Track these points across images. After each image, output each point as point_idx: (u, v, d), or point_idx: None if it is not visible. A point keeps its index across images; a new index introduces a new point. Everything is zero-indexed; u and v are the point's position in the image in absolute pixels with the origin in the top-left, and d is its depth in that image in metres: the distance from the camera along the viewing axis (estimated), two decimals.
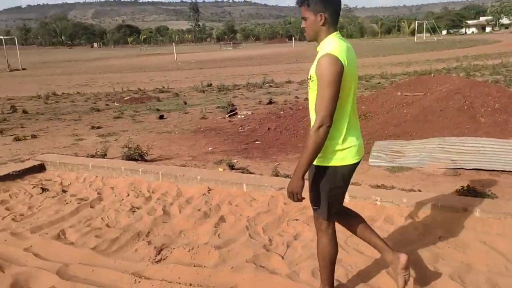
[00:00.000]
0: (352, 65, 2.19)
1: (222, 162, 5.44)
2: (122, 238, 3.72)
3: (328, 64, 2.09)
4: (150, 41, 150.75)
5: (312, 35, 2.27)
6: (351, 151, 2.27)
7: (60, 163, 5.62)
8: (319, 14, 2.18)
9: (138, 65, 34.88)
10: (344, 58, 2.11)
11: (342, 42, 2.20)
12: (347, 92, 2.20)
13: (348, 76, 2.15)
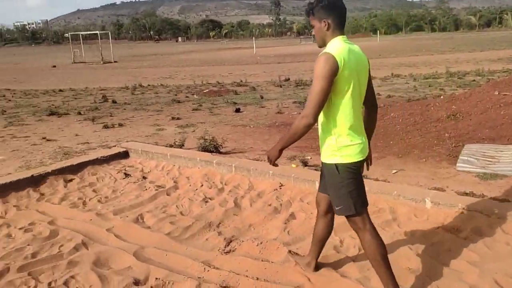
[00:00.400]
0: (352, 66, 2.30)
1: (295, 158, 5.42)
2: (194, 227, 3.87)
3: (322, 61, 2.24)
4: (231, 35, 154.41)
5: (320, 41, 2.45)
6: (356, 149, 2.37)
7: (142, 151, 5.98)
8: (323, 21, 2.37)
9: (218, 58, 35.96)
10: (342, 58, 2.24)
11: (345, 45, 2.33)
12: (346, 91, 2.31)
13: (345, 75, 2.27)
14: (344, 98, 2.32)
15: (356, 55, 2.36)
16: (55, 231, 3.88)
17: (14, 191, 4.81)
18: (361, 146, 2.40)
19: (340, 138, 2.36)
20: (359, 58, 2.39)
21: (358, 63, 2.36)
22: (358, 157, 2.39)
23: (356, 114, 2.39)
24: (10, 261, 3.34)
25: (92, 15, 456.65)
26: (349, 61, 2.27)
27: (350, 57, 2.29)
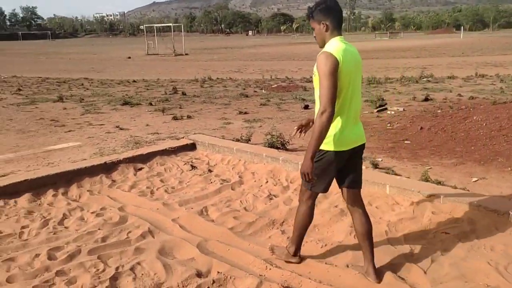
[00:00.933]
0: (349, 65, 2.55)
1: (365, 159, 5.27)
2: (257, 223, 3.90)
3: (324, 59, 2.50)
4: (303, 30, 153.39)
5: (321, 42, 2.70)
6: (346, 139, 2.68)
7: (208, 144, 6.13)
8: (322, 23, 2.63)
9: (288, 53, 35.93)
10: (340, 56, 2.50)
11: (342, 44, 2.59)
12: (342, 87, 2.56)
13: (343, 73, 2.53)
14: (341, 94, 2.59)
15: (353, 55, 2.63)
16: (124, 218, 4.09)
17: (88, 177, 5.14)
18: (352, 137, 2.72)
19: (333, 128, 2.63)
20: (355, 57, 2.65)
21: (354, 62, 2.63)
22: (338, 148, 2.67)
23: (353, 108, 2.68)
24: (82, 244, 3.58)
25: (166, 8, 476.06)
26: (345, 59, 2.53)
27: (347, 55, 2.55)
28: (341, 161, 2.74)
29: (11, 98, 12.18)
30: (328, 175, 2.80)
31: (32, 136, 7.26)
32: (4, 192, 4.59)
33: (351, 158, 2.80)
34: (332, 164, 2.73)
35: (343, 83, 2.56)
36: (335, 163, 2.73)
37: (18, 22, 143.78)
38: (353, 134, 2.74)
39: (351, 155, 2.78)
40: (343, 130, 2.66)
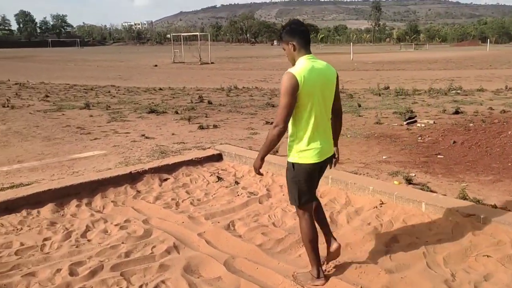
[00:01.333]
0: (313, 82, 2.72)
1: (398, 174, 5.03)
2: (287, 240, 3.71)
3: (285, 79, 2.69)
4: (327, 40, 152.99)
5: (292, 60, 2.88)
6: (311, 153, 2.83)
7: (235, 155, 5.98)
8: (290, 43, 2.82)
9: None
10: (302, 76, 2.66)
11: (309, 63, 2.76)
12: (306, 104, 2.74)
13: (306, 91, 2.69)
14: (305, 110, 2.76)
15: (319, 71, 2.79)
16: (149, 231, 3.96)
17: (113, 187, 5.05)
18: (317, 151, 2.84)
19: (300, 143, 2.83)
20: (322, 73, 2.80)
21: (320, 79, 2.78)
22: (313, 160, 2.85)
23: (318, 124, 2.83)
24: (104, 259, 3.45)
25: (193, 17, 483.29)
26: (309, 78, 2.70)
27: (311, 74, 2.72)
28: (315, 171, 2.95)
29: (39, 105, 12.35)
30: (310, 186, 2.99)
31: (58, 143, 7.26)
32: (27, 202, 4.52)
33: (320, 170, 3.03)
34: (312, 176, 2.95)
35: (306, 103, 2.75)
36: (314, 174, 2.96)
37: (48, 30, 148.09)
38: (327, 147, 2.94)
39: (321, 167, 3.00)
40: (318, 144, 2.85)
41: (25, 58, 47.19)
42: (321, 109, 2.83)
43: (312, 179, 2.96)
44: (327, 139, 2.95)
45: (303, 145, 2.83)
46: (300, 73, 2.69)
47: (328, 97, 2.88)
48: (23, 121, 9.50)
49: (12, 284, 3.08)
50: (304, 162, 2.85)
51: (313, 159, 2.85)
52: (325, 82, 2.82)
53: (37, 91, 16.02)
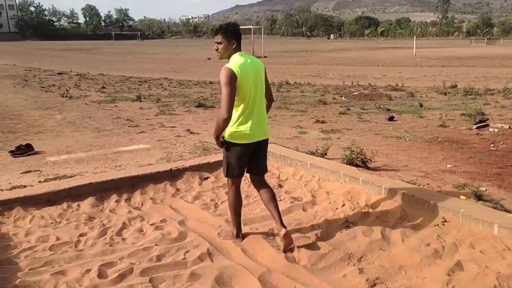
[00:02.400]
0: (246, 76, 3.24)
1: (465, 187, 4.52)
2: (330, 256, 3.39)
3: (224, 72, 3.18)
4: (388, 34, 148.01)
5: (225, 54, 3.36)
6: (240, 135, 3.33)
7: (280, 156, 5.70)
8: (232, 41, 3.29)
9: (371, 58, 34.54)
10: (237, 69, 3.19)
11: (241, 59, 3.29)
12: (239, 93, 3.24)
13: (242, 83, 3.21)
14: (238, 98, 3.26)
15: (250, 64, 3.32)
16: (184, 234, 3.80)
17: (153, 183, 4.95)
18: (246, 134, 3.35)
19: (233, 125, 3.33)
20: (252, 66, 3.34)
21: (251, 71, 3.31)
22: (241, 141, 3.37)
23: (250, 110, 3.33)
24: (135, 261, 3.33)
25: (249, 11, 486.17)
26: (242, 71, 3.22)
27: (243, 68, 3.24)
28: (247, 151, 3.46)
29: (95, 96, 12.71)
30: (239, 163, 3.48)
31: (106, 135, 7.33)
32: (69, 194, 4.54)
33: (258, 150, 3.53)
34: (240, 154, 3.44)
35: (244, 91, 3.27)
36: (243, 153, 3.44)
37: (112, 23, 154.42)
38: (257, 131, 3.40)
39: (257, 148, 3.50)
40: (248, 128, 3.34)
41: (89, 51, 49.36)
42: (253, 97, 3.34)
43: (241, 157, 3.46)
44: (259, 123, 3.42)
45: (234, 128, 3.34)
46: (236, 66, 3.23)
47: (259, 86, 3.40)
48: (78, 112, 9.77)
49: (41, 282, 3.03)
50: (234, 141, 3.39)
51: (241, 141, 3.38)
52: (255, 73, 3.36)
53: (95, 82, 16.58)
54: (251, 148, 3.45)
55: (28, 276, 3.08)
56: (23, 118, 9.00)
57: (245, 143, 3.39)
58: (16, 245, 3.57)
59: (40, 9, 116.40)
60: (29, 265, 3.24)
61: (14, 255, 3.38)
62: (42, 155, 5.95)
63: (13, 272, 3.12)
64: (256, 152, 3.53)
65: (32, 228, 3.90)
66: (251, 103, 3.33)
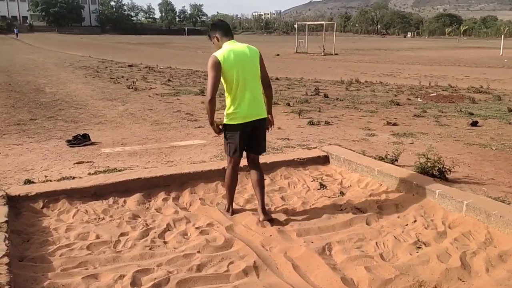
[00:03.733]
0: (232, 61, 3.59)
1: None
2: (397, 283, 2.89)
3: (209, 60, 3.60)
4: (471, 33, 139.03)
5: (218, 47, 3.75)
6: (235, 115, 3.69)
7: (344, 160, 5.20)
8: (214, 36, 3.79)
9: (452, 57, 32.37)
10: (222, 57, 3.57)
11: (229, 46, 3.67)
12: (230, 77, 3.61)
13: (226, 68, 3.58)
14: (230, 83, 3.62)
15: (237, 51, 3.64)
16: (230, 241, 3.48)
17: (204, 182, 4.70)
18: (241, 114, 3.67)
19: (228, 108, 3.70)
20: (240, 52, 3.65)
21: (239, 56, 3.63)
22: (238, 121, 3.69)
23: (242, 92, 3.64)
24: (174, 269, 3.06)
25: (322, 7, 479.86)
26: (228, 58, 3.57)
27: (230, 54, 3.58)
28: (245, 131, 3.73)
29: (159, 88, 12.85)
30: (238, 142, 3.74)
31: (164, 128, 7.23)
32: (116, 189, 4.40)
33: (254, 130, 3.78)
34: (238, 134, 3.72)
35: (231, 75, 3.58)
36: (241, 132, 3.72)
37: (186, 18, 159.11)
38: (251, 111, 3.69)
39: (254, 128, 3.76)
40: (241, 109, 3.64)
41: (161, 45, 50.99)
42: (243, 80, 3.62)
43: (239, 137, 3.73)
44: (253, 104, 3.70)
45: (230, 110, 3.67)
46: (221, 54, 3.56)
47: (250, 71, 3.67)
48: (140, 104, 9.85)
49: (70, 286, 2.84)
50: (231, 123, 3.70)
51: (237, 121, 3.67)
52: (244, 59, 3.63)
53: (162, 75, 16.86)
54: (248, 128, 3.73)
55: (59, 278, 2.89)
56: (87, 108, 9.22)
57: (242, 123, 3.68)
58: (55, 241, 3.44)
59: (120, 4, 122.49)
60: (63, 265, 3.06)
61: (49, 253, 3.23)
62: (97, 146, 5.92)
63: (44, 272, 2.96)
64: (254, 132, 3.79)
65: (74, 224, 3.76)
66: (242, 86, 3.63)
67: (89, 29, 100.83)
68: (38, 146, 5.95)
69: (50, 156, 5.40)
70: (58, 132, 6.87)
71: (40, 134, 6.69)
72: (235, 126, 3.70)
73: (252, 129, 3.77)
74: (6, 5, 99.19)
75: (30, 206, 3.98)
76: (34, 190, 4.12)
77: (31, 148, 5.84)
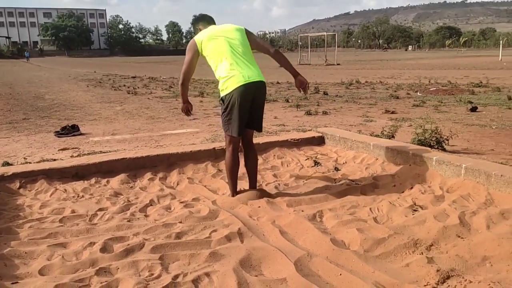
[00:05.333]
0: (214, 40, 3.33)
1: None
2: (390, 242, 2.60)
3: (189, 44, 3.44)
4: (471, 44, 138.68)
5: None
6: (234, 79, 3.20)
7: (340, 138, 4.93)
8: (198, 29, 3.56)
9: (452, 63, 32.10)
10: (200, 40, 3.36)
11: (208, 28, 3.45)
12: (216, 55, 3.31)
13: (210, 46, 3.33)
14: (218, 59, 3.31)
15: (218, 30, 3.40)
16: (215, 212, 3.21)
17: (193, 163, 4.45)
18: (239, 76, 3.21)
19: (223, 79, 3.28)
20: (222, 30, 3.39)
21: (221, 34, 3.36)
22: (238, 83, 3.19)
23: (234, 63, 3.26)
24: (150, 237, 2.78)
25: (326, 25, 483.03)
26: (208, 37, 3.35)
27: (210, 34, 3.36)
28: (244, 98, 3.20)
29: (160, 93, 12.70)
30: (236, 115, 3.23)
31: (158, 122, 7.03)
32: (99, 170, 4.15)
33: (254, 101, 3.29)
34: (236, 104, 3.20)
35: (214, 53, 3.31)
36: (239, 101, 3.19)
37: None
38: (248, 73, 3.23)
39: (253, 98, 3.27)
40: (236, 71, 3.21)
41: (168, 62, 51.32)
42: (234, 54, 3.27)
43: (239, 108, 3.21)
44: (248, 67, 3.27)
45: (226, 78, 3.22)
46: (199, 37, 3.37)
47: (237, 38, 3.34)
48: (138, 104, 9.68)
49: (34, 253, 2.57)
50: (228, 91, 3.21)
51: (234, 85, 3.18)
52: (227, 30, 3.38)
53: (164, 83, 16.76)
54: (249, 96, 3.23)
55: (22, 246, 2.63)
56: (84, 109, 9.06)
57: (240, 86, 3.18)
58: (26, 215, 3.18)
59: (128, 26, 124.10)
60: (29, 236, 2.80)
61: (18, 225, 2.97)
62: (86, 136, 5.71)
63: (8, 241, 2.70)
64: (253, 103, 3.31)
65: (50, 201, 3.50)
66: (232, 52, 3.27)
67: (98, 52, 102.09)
68: (25, 138, 5.75)
69: (35, 145, 5.19)
70: (49, 127, 6.68)
71: (30, 130, 6.49)
72: (233, 93, 3.18)
73: (252, 100, 3.27)
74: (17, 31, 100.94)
75: (6, 186, 3.73)
76: (11, 171, 3.88)
77: (18, 139, 5.64)
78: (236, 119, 3.24)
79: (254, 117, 3.39)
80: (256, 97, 3.30)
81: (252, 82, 3.21)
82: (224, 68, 3.24)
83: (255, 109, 3.35)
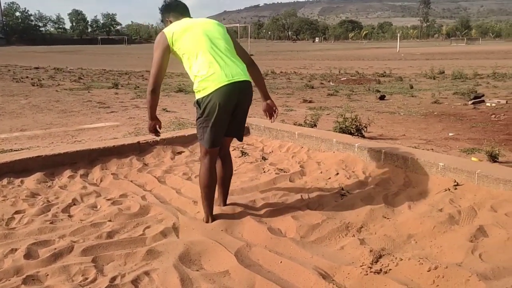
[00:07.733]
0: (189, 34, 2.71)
1: (474, 151, 3.86)
2: (324, 227, 2.69)
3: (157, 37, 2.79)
4: (371, 37, 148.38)
5: None
6: (212, 78, 2.59)
7: (265, 128, 4.99)
8: (166, 20, 2.95)
9: (356, 54, 34.13)
10: (171, 32, 2.71)
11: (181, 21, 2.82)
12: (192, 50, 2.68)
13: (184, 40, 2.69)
14: (190, 51, 2.68)
15: (193, 24, 2.79)
16: (146, 208, 3.07)
17: (116, 158, 4.20)
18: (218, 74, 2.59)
19: (197, 79, 2.64)
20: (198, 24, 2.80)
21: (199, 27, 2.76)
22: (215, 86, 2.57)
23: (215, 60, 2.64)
24: (79, 239, 2.58)
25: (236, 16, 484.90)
26: (182, 30, 2.72)
27: (183, 26, 2.75)
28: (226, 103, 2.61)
29: (69, 85, 11.88)
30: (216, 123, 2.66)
31: (72, 115, 6.55)
32: (12, 169, 3.74)
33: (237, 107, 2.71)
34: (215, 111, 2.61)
35: (190, 49, 2.68)
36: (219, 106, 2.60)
37: (99, 28, 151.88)
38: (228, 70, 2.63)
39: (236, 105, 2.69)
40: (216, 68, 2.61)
41: (73, 52, 48.11)
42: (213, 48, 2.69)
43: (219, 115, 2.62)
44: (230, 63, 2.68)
45: (203, 77, 2.61)
46: (170, 29, 2.74)
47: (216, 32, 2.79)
48: (45, 97, 8.94)
49: None
50: (205, 93, 2.61)
51: (214, 86, 2.58)
52: (206, 28, 2.77)
53: (73, 75, 15.69)
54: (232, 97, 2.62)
55: None
56: None
57: (221, 87, 2.56)
58: None
59: (26, 14, 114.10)
60: None
61: None
62: None
63: None
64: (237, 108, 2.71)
65: None
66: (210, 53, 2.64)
67: None
68: None
69: None
70: None
71: None
72: (211, 96, 2.58)
73: (235, 105, 2.69)
74: None
75: None
76: None
77: None
78: (214, 129, 2.66)
79: (235, 124, 2.83)
80: (241, 101, 2.71)
81: (236, 82, 2.61)
82: (201, 64, 2.61)
83: (238, 115, 2.78)
